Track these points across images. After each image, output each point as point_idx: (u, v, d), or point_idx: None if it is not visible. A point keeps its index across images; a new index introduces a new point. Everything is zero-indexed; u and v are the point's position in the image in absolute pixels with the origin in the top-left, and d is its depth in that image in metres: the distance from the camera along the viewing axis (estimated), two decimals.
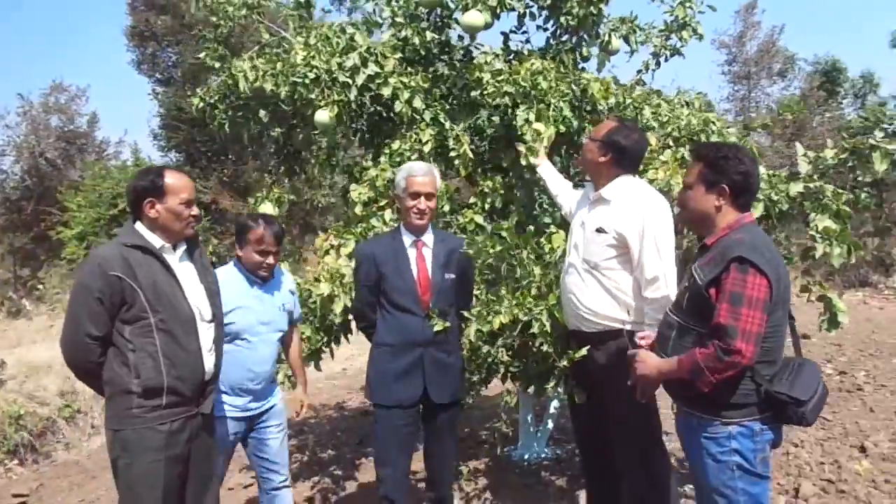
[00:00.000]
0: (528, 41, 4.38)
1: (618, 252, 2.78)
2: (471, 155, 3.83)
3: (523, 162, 3.66)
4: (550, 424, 4.81)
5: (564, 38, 4.21)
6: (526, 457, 4.63)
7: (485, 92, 3.82)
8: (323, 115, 3.71)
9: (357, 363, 8.32)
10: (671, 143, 3.92)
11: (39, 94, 16.03)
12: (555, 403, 4.78)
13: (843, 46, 43.64)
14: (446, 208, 3.85)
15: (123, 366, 2.40)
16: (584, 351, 2.84)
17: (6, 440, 5.84)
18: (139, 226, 2.52)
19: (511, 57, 4.22)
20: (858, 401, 5.60)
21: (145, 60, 14.88)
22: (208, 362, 2.56)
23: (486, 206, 3.94)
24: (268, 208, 3.96)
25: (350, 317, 3.59)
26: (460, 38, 4.28)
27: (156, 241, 2.50)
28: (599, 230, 2.82)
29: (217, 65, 4.00)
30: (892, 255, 13.65)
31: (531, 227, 3.48)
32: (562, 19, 4.01)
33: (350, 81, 3.78)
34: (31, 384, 7.28)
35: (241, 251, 3.08)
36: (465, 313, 3.07)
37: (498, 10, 3.96)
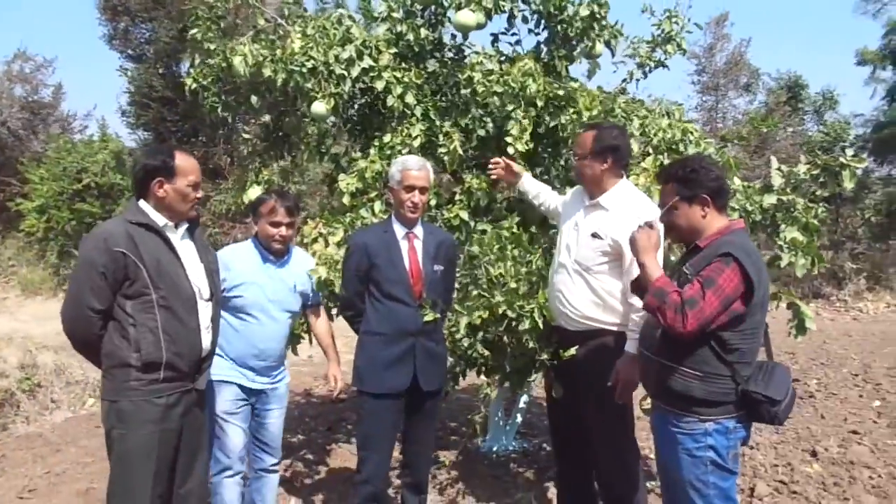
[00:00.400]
0: (518, 43, 4.49)
1: (610, 258, 2.91)
2: (461, 152, 3.92)
3: (509, 151, 3.76)
4: (519, 419, 4.95)
5: (557, 43, 4.31)
6: (494, 449, 4.76)
7: (475, 91, 3.91)
8: (319, 107, 3.77)
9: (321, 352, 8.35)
10: (650, 151, 4.09)
11: (2, 62, 15.59)
12: (524, 398, 4.92)
13: (806, 62, 44.99)
14: (433, 203, 3.94)
15: (123, 339, 2.44)
16: (572, 350, 2.97)
17: None
18: (143, 204, 2.55)
19: (503, 59, 4.32)
20: (811, 407, 5.88)
21: (117, 35, 14.54)
22: (206, 340, 2.62)
23: (472, 203, 4.05)
24: (256, 192, 4.00)
25: (331, 304, 3.68)
26: (453, 36, 4.37)
27: (160, 219, 2.55)
28: (595, 235, 2.94)
29: (212, 46, 3.99)
30: (844, 269, 14.19)
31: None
32: (558, 27, 4.10)
33: (345, 73, 3.85)
34: None
35: (257, 226, 3.17)
36: (457, 307, 3.16)
37: (492, 12, 4.06)
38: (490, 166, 3.62)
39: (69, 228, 13.92)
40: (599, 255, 2.93)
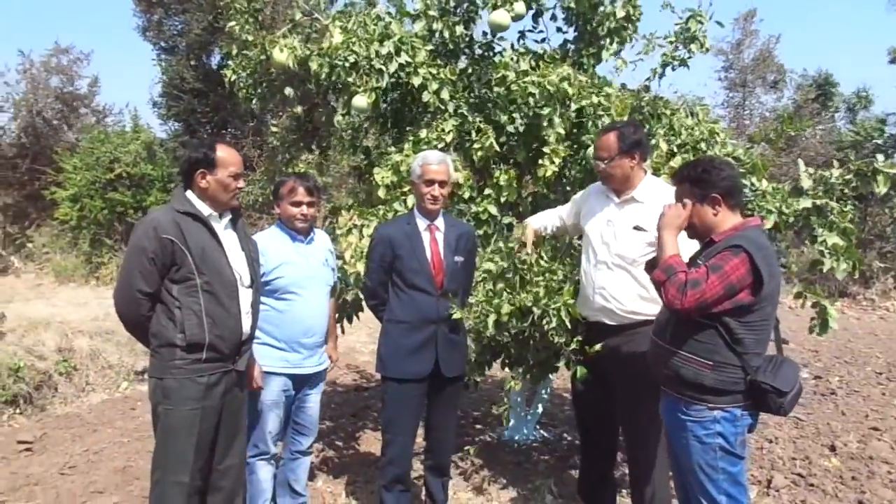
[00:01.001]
0: (544, 41, 4.57)
1: (655, 248, 3.00)
2: (496, 147, 4.01)
3: (546, 163, 3.86)
4: (540, 409, 5.06)
5: (585, 41, 4.37)
6: (516, 438, 4.88)
7: (509, 90, 4.00)
8: (361, 101, 3.88)
9: (345, 341, 8.51)
10: (675, 150, 4.14)
11: (41, 55, 15.96)
12: (545, 389, 5.02)
13: (837, 60, 44.26)
14: (466, 195, 4.05)
15: (170, 321, 2.60)
16: (598, 347, 3.07)
17: (4, 390, 5.99)
18: (190, 194, 2.71)
19: (531, 57, 4.40)
20: (831, 404, 5.91)
21: (151, 27, 14.79)
22: (246, 324, 2.76)
23: (501, 199, 4.14)
24: None
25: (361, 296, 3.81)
26: (484, 33, 4.45)
27: (205, 209, 2.70)
28: (637, 228, 3.02)
29: (249, 38, 4.13)
30: (871, 268, 14.03)
31: None
32: (587, 26, 4.17)
33: (384, 68, 3.96)
34: (29, 339, 7.41)
35: (279, 208, 3.30)
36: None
37: (529, 5, 4.14)
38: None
39: (101, 217, 14.25)
40: (645, 246, 3.00)
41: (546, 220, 3.55)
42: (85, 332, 7.59)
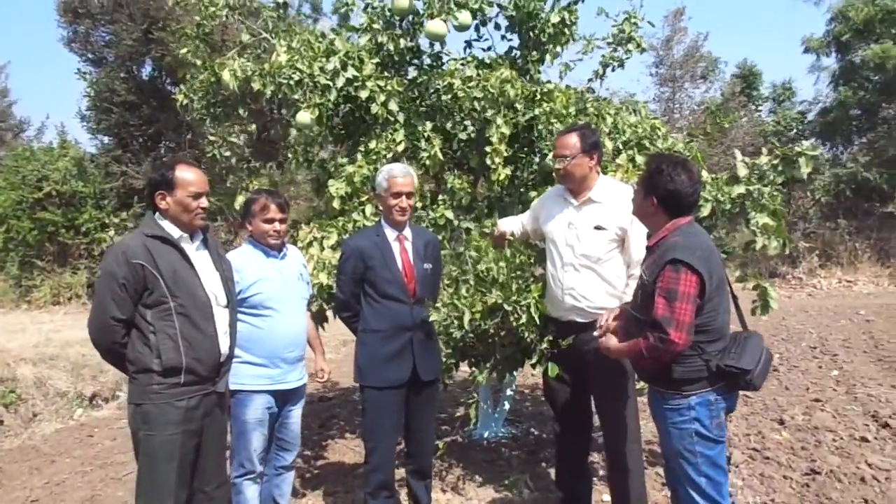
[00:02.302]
0: (490, 49, 4.70)
1: (617, 245, 3.16)
2: (440, 156, 4.11)
3: (487, 161, 3.99)
4: (507, 406, 5.18)
5: (528, 47, 4.52)
6: (485, 436, 4.99)
7: (456, 97, 4.10)
8: (304, 116, 3.93)
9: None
10: (620, 147, 4.33)
11: None
12: (510, 387, 5.15)
13: (760, 51, 46.26)
14: (419, 205, 4.13)
15: (145, 346, 2.58)
16: (569, 340, 3.19)
17: None
18: (159, 217, 2.69)
19: (478, 65, 4.51)
20: (775, 380, 6.25)
21: (77, 38, 14.26)
22: (223, 344, 2.76)
23: (455, 203, 4.25)
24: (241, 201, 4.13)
25: (327, 307, 3.84)
26: (431, 44, 4.54)
27: (174, 231, 2.69)
28: (598, 227, 3.16)
29: (199, 62, 4.12)
30: (798, 248, 14.80)
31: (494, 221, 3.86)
32: (530, 33, 4.31)
33: (330, 84, 4.00)
34: None
35: (250, 225, 3.30)
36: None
37: (473, 15, 4.26)
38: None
39: (30, 238, 13.70)
40: (607, 243, 3.16)
41: (511, 225, 3.66)
42: (27, 360, 7.31)
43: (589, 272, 3.20)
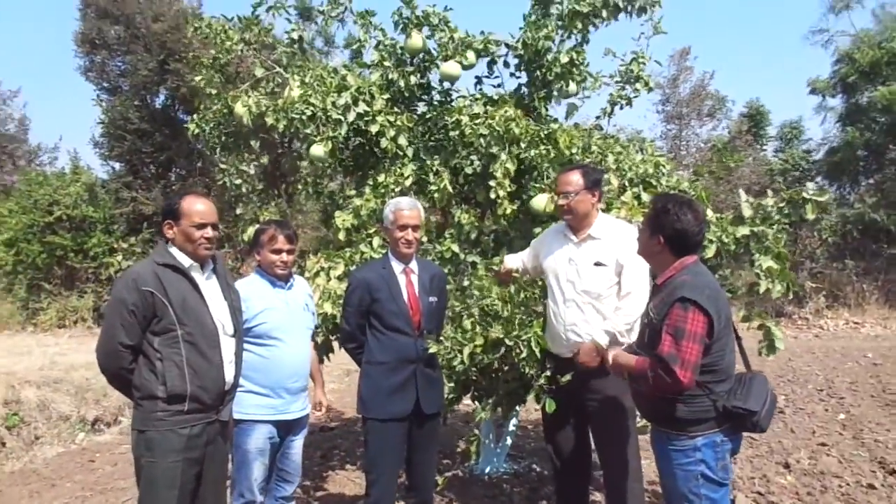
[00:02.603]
0: (499, 86, 4.79)
1: (618, 280, 3.18)
2: (450, 189, 4.17)
3: (491, 195, 4.03)
4: (509, 441, 5.15)
5: (536, 85, 4.60)
6: (487, 471, 4.95)
7: (463, 133, 4.17)
8: (318, 150, 4.00)
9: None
10: (626, 185, 4.37)
11: None
12: (513, 422, 5.12)
13: (768, 89, 46.69)
14: (424, 238, 4.17)
15: (151, 373, 2.61)
16: (568, 377, 3.20)
17: None
18: (171, 246, 2.74)
19: (486, 102, 4.59)
20: (781, 423, 6.19)
21: (94, 68, 14.58)
22: (229, 373, 2.79)
23: (462, 237, 4.29)
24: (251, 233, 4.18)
25: (332, 337, 3.86)
26: (440, 81, 4.64)
27: (185, 260, 2.73)
28: (598, 264, 3.20)
29: (213, 92, 4.21)
30: (804, 288, 14.73)
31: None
32: (537, 72, 4.40)
33: (342, 118, 4.09)
34: None
35: (259, 256, 3.35)
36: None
37: (479, 55, 4.36)
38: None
39: (39, 261, 13.81)
40: (607, 279, 3.20)
41: (516, 262, 3.70)
42: (32, 383, 7.32)
43: (590, 308, 3.23)
